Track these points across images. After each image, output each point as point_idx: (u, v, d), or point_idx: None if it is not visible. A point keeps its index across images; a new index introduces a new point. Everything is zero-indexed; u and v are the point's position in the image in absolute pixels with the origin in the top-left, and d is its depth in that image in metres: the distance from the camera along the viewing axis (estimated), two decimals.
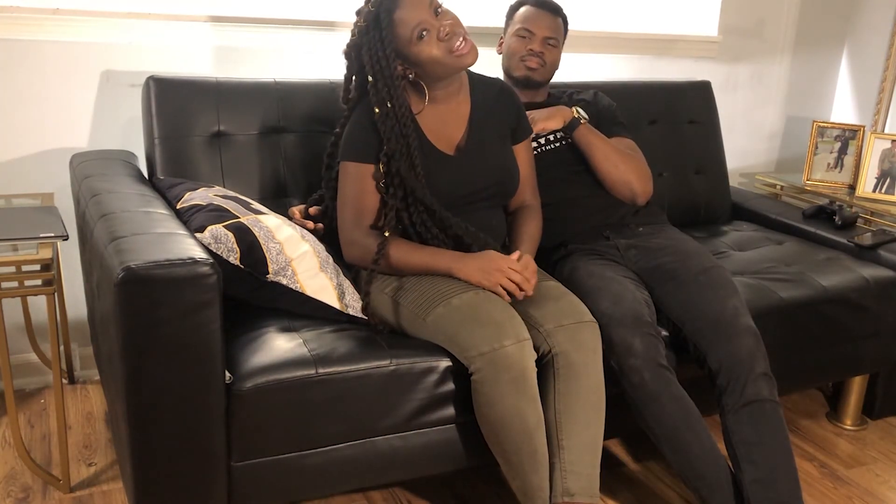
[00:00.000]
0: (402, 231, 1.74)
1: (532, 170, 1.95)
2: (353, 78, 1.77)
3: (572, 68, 2.68)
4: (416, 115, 1.76)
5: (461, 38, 1.69)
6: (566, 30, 2.18)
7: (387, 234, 1.68)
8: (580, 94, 2.26)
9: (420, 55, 1.68)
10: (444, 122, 1.81)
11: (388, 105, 1.68)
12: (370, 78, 1.69)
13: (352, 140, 1.76)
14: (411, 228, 1.72)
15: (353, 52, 1.74)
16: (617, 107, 2.24)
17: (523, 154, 1.92)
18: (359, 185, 1.74)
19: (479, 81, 1.88)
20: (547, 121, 2.05)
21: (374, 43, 1.67)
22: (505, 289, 1.66)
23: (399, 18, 1.67)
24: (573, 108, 2.09)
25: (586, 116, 2.10)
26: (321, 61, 2.42)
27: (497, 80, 1.95)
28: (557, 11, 2.15)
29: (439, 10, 1.70)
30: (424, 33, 1.67)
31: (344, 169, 1.77)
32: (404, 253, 1.70)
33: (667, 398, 1.71)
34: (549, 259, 1.99)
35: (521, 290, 1.67)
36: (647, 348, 1.73)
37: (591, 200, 2.07)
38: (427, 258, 1.70)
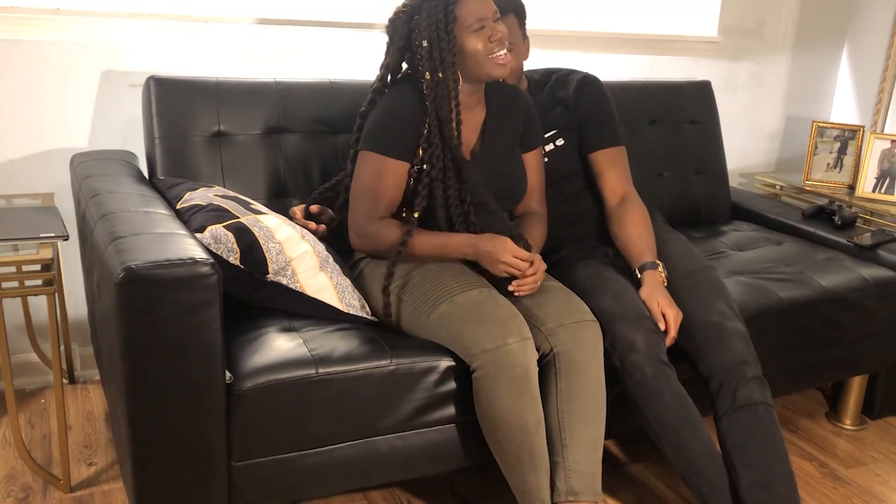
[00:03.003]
0: (427, 209, 1.74)
1: (541, 178, 1.94)
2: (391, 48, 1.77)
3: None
4: None
5: (505, 50, 1.72)
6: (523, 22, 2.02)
7: (416, 214, 1.70)
8: (563, 89, 2.07)
9: (466, 43, 1.70)
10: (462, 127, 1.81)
11: (440, 74, 1.69)
12: (424, 43, 1.70)
13: (380, 131, 1.75)
14: (443, 201, 1.73)
15: (404, 17, 1.73)
16: (609, 101, 2.05)
17: (533, 162, 1.92)
18: (380, 178, 1.73)
19: (495, 88, 1.88)
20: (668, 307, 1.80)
21: (437, 11, 1.68)
22: (507, 277, 1.68)
23: (466, 2, 1.69)
24: (660, 272, 1.86)
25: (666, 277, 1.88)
26: (321, 61, 2.42)
27: (513, 87, 1.94)
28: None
29: (498, 19, 1.74)
30: (481, 28, 1.70)
31: (365, 158, 1.75)
32: (425, 236, 1.71)
33: (668, 395, 1.71)
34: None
35: (524, 282, 1.68)
36: (650, 345, 1.73)
37: (580, 209, 2.04)
38: (445, 238, 1.72)
